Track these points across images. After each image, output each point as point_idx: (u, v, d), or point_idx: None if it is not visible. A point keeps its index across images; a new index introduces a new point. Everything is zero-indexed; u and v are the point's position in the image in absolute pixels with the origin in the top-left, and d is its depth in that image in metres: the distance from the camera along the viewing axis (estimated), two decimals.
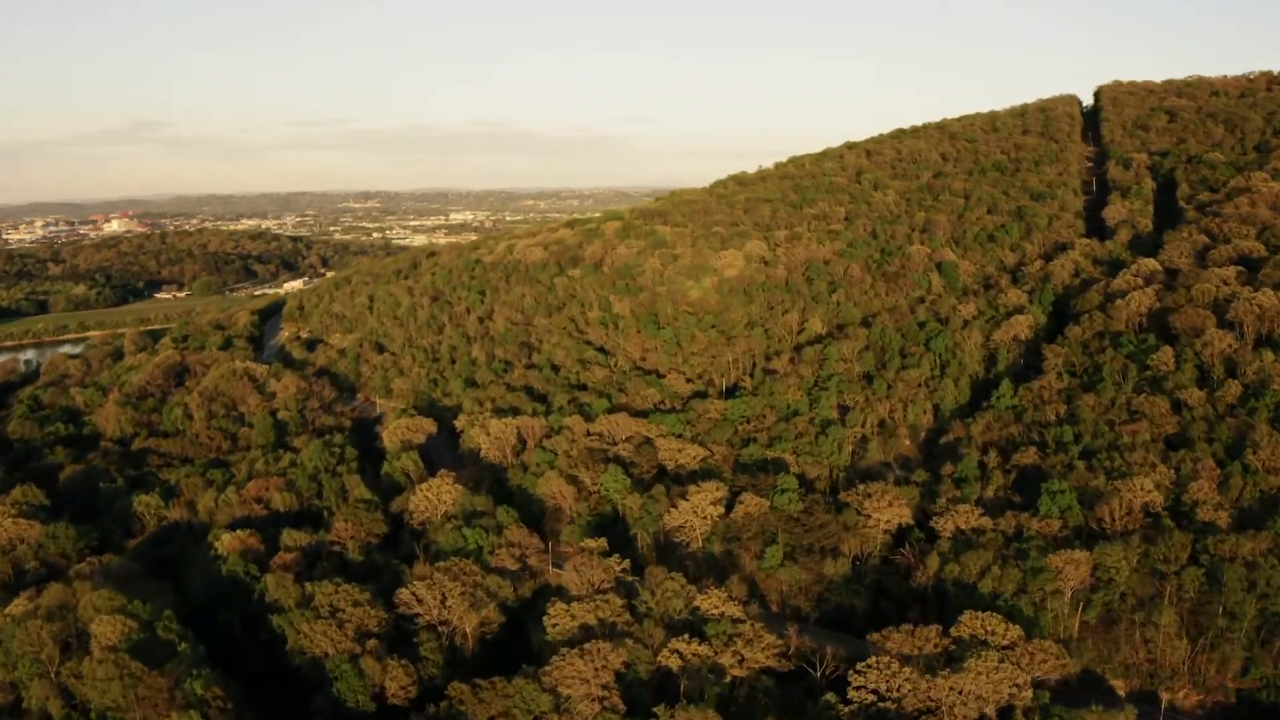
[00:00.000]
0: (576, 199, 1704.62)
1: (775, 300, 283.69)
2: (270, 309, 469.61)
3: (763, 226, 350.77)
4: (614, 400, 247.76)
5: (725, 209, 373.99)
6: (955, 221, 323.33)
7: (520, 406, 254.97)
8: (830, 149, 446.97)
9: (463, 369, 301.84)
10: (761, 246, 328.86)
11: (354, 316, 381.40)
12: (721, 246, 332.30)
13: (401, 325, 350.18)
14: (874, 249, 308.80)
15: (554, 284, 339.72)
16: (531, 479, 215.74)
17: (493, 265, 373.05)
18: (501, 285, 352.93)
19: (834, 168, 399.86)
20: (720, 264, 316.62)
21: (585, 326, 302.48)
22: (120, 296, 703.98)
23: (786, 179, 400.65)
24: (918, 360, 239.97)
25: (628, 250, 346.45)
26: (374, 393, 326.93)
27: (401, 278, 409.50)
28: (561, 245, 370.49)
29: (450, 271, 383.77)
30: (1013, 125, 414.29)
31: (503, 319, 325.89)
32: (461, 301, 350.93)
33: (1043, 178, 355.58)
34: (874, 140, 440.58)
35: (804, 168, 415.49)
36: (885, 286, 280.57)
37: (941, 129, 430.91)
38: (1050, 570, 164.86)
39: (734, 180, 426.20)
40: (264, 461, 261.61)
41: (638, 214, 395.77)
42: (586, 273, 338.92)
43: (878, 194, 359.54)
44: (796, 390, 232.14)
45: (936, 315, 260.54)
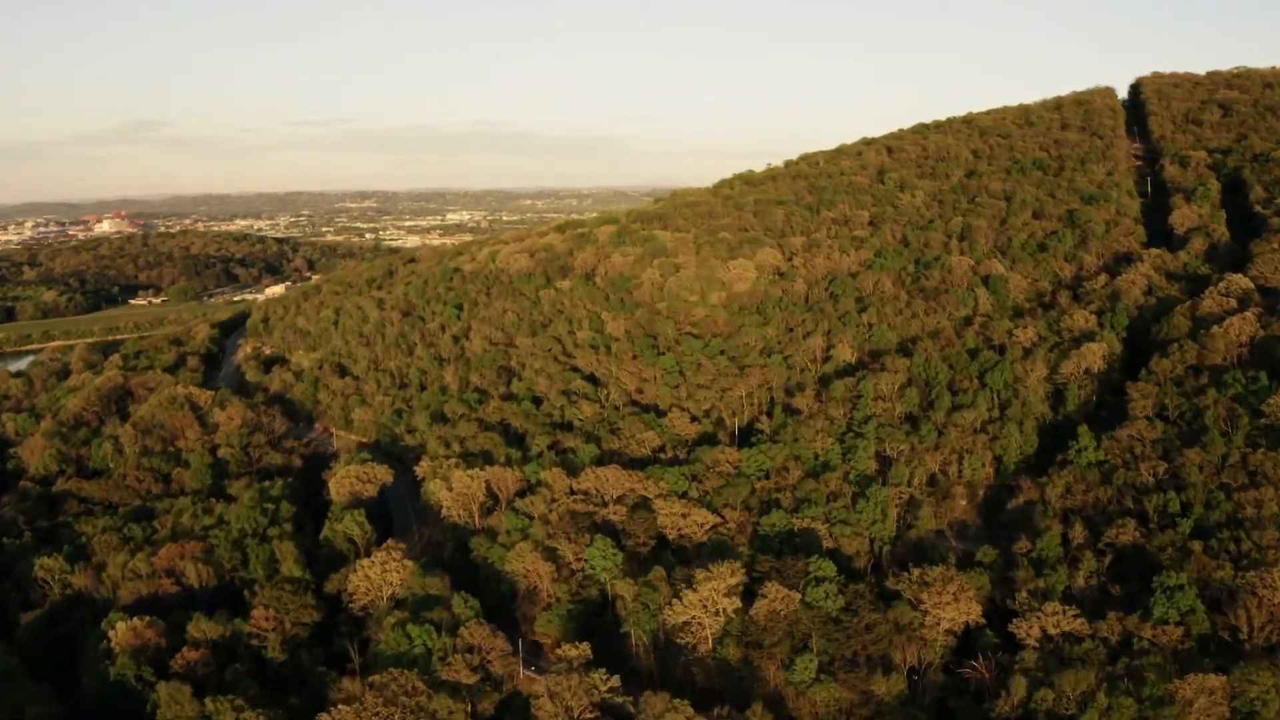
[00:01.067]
0: (575, 199, 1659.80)
1: (794, 320, 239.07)
2: (235, 320, 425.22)
3: (775, 232, 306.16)
4: (604, 444, 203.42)
5: (732, 212, 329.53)
6: (998, 227, 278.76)
7: (493, 451, 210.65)
8: (845, 145, 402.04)
9: (432, 398, 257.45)
10: (775, 255, 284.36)
11: (318, 333, 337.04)
12: (729, 255, 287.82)
13: (367, 344, 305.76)
14: (906, 259, 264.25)
15: (539, 298, 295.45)
16: (500, 551, 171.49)
17: (473, 275, 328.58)
18: (481, 298, 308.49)
19: (852, 166, 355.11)
20: (729, 276, 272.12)
21: (573, 349, 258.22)
22: (93, 303, 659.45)
23: (800, 178, 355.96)
24: (971, 398, 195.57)
25: (623, 259, 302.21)
26: (333, 423, 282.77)
27: (374, 287, 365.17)
28: (549, 252, 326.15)
29: (426, 282, 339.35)
30: (1050, 119, 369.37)
31: (481, 339, 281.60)
32: (436, 317, 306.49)
33: (1091, 177, 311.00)
34: (894, 136, 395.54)
35: (818, 166, 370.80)
36: (924, 304, 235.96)
37: (969, 123, 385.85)
38: (1177, 702, 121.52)
39: (740, 180, 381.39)
40: (191, 514, 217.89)
41: (634, 217, 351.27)
42: (576, 285, 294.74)
43: (905, 195, 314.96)
44: (826, 436, 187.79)
45: (989, 341, 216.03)
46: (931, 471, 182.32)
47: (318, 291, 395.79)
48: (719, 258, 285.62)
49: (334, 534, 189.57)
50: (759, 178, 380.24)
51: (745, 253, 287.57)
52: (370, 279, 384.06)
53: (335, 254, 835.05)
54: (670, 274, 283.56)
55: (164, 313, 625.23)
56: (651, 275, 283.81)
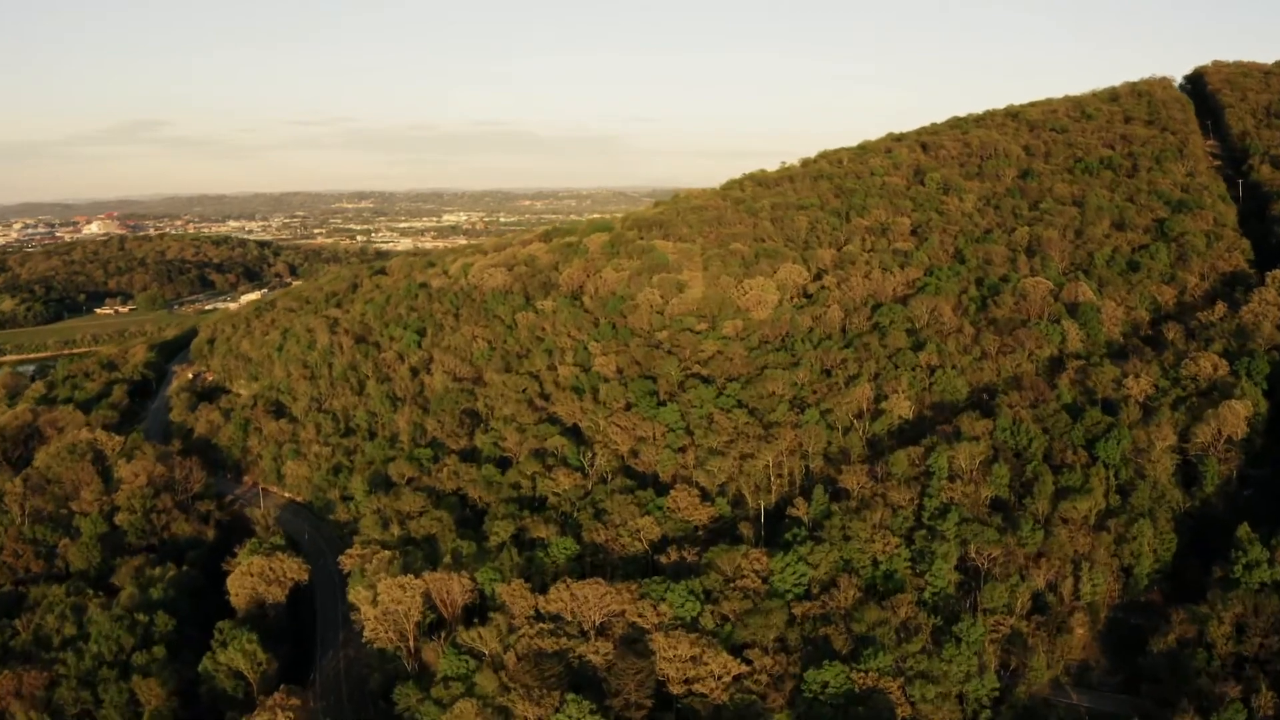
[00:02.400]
0: (574, 199, 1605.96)
1: (831, 360, 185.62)
2: (183, 339, 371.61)
3: (798, 243, 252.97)
4: (585, 533, 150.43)
5: (745, 218, 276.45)
6: (1072, 239, 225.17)
7: (440, 538, 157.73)
8: (869, 142, 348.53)
9: (377, 452, 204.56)
10: (800, 273, 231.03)
11: (260, 359, 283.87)
12: (744, 272, 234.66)
13: (312, 377, 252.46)
14: (966, 279, 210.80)
15: (516, 321, 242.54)
16: (434, 711, 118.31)
17: (440, 292, 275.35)
18: (448, 321, 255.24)
19: (884, 165, 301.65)
20: (745, 299, 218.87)
21: (553, 390, 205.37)
22: (54, 312, 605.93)
23: (822, 179, 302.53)
24: (1080, 478, 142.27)
25: (616, 275, 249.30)
26: (264, 477, 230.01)
27: (332, 304, 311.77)
28: (530, 266, 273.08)
29: (389, 299, 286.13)
30: (1109, 112, 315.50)
31: (443, 373, 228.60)
32: (393, 344, 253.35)
33: (1171, 179, 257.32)
34: (928, 130, 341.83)
35: (842, 165, 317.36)
36: (995, 340, 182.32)
37: (1014, 116, 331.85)
38: None
39: (752, 181, 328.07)
40: (59, 614, 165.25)
41: (631, 223, 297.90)
42: (560, 306, 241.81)
43: (951, 199, 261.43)
44: (888, 534, 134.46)
45: (1090, 393, 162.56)
46: (1037, 589, 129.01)
47: (271, 308, 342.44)
48: (732, 275, 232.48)
49: (216, 667, 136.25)
50: (773, 178, 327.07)
51: (763, 269, 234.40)
52: (331, 293, 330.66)
53: (319, 258, 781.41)
54: (673, 294, 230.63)
55: (129, 323, 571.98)
56: (650, 296, 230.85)
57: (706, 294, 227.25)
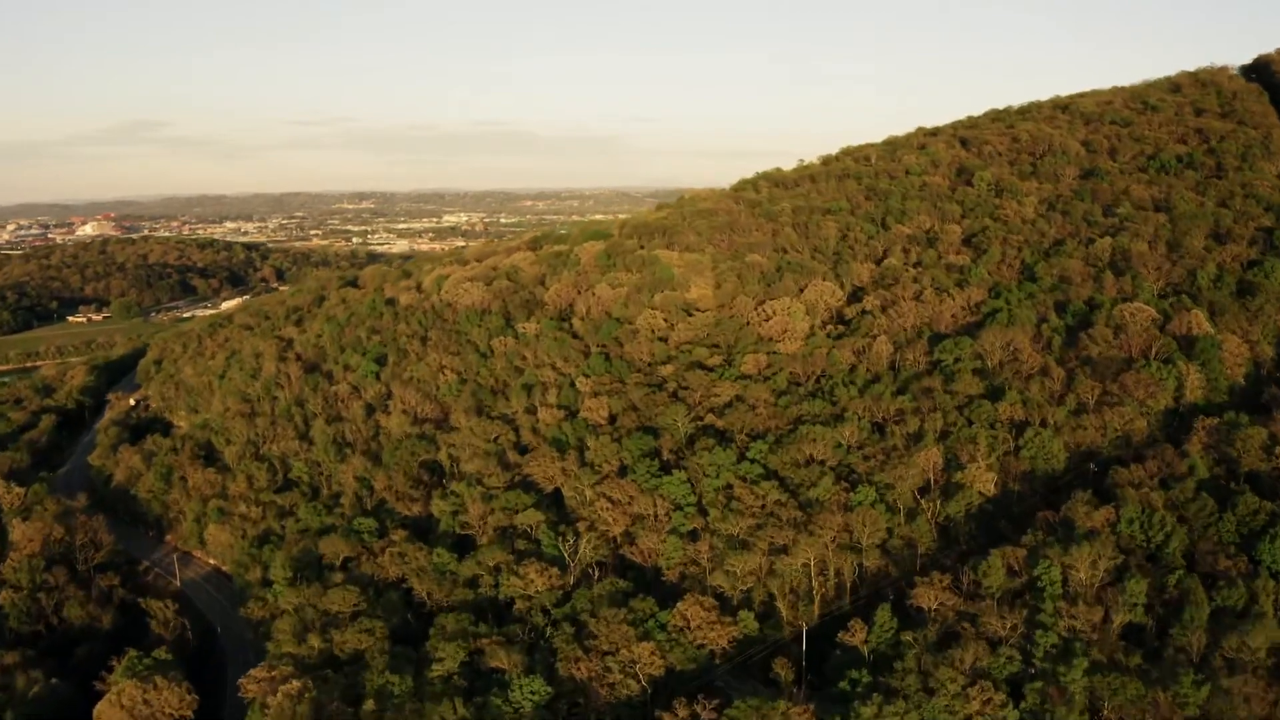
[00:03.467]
0: (576, 199, 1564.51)
1: (884, 410, 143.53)
2: (130, 359, 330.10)
3: (828, 254, 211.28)
4: (563, 667, 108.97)
5: (762, 223, 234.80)
6: (1165, 254, 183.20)
7: (368, 657, 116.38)
8: (896, 137, 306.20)
9: (312, 518, 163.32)
10: (833, 292, 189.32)
11: (200, 388, 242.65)
12: (765, 290, 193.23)
13: (251, 414, 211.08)
14: (1043, 302, 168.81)
15: (492, 348, 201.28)
16: None
17: (408, 311, 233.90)
18: (414, 347, 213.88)
19: (920, 163, 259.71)
20: (768, 325, 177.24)
21: (531, 440, 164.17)
22: (24, 321, 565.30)
23: (849, 178, 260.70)
24: (1243, 595, 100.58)
25: (612, 292, 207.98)
26: (185, 538, 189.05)
27: (292, 321, 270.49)
28: (513, 280, 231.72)
29: (352, 316, 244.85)
30: (1176, 104, 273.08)
31: (402, 414, 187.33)
32: (348, 375, 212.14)
33: (1268, 180, 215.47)
34: (965, 124, 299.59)
35: (869, 163, 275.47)
36: (1092, 385, 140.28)
37: (1064, 109, 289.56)
38: None
39: (767, 181, 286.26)
40: None
41: (630, 229, 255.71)
42: (545, 329, 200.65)
43: (1008, 203, 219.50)
44: (988, 690, 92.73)
45: (1231, 465, 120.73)
46: None
47: (228, 323, 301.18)
48: (750, 294, 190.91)
49: None
50: (791, 177, 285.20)
51: (788, 286, 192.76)
52: (294, 308, 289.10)
53: (308, 262, 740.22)
54: (678, 317, 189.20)
55: (99, 332, 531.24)
56: (651, 320, 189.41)
57: (720, 318, 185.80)
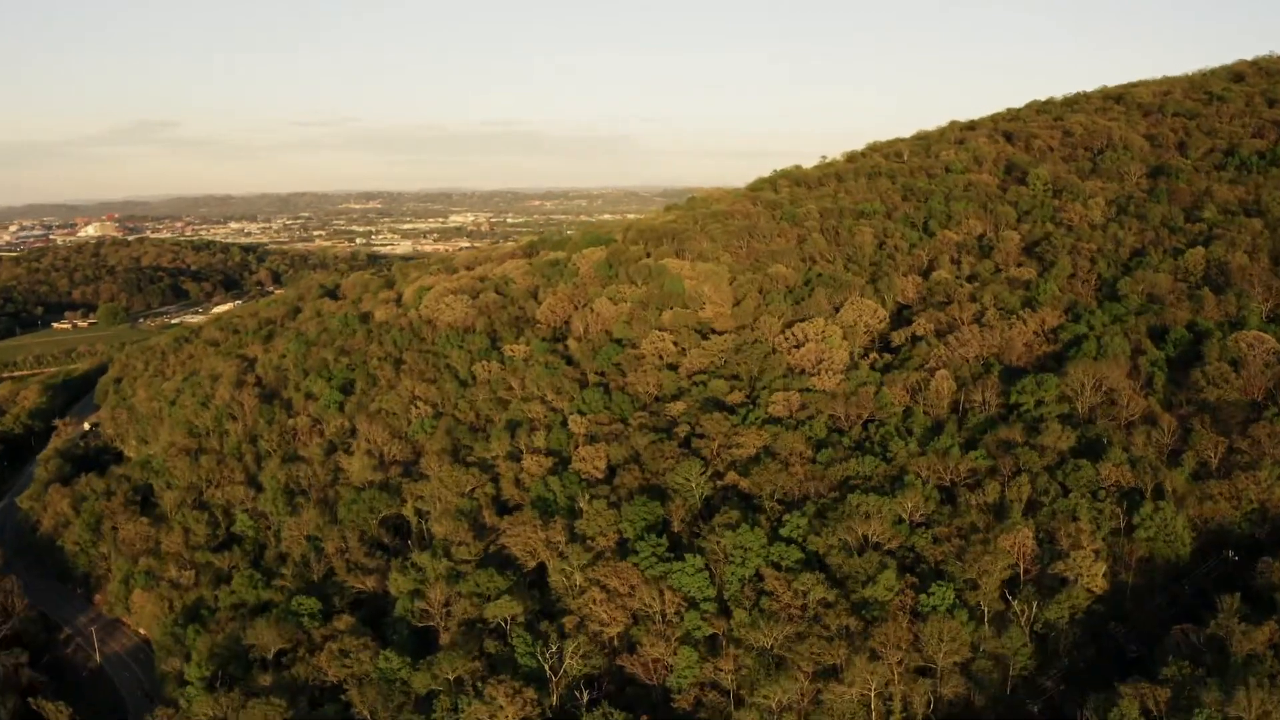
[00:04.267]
0: (584, 199, 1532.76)
1: (951, 471, 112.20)
2: (95, 374, 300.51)
3: (863, 264, 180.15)
4: None
5: (786, 228, 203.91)
6: (1270, 267, 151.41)
7: None
8: (927, 131, 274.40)
9: (247, 591, 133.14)
10: (875, 311, 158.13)
11: (150, 415, 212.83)
12: (793, 309, 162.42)
13: (198, 450, 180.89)
14: (1133, 328, 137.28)
15: (474, 375, 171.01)
16: None
17: (383, 328, 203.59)
18: (385, 372, 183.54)
19: (961, 159, 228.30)
20: (799, 354, 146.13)
21: (513, 495, 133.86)
22: (5, 328, 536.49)
23: (881, 176, 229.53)
24: None
25: (614, 309, 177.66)
26: (112, 602, 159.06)
27: (261, 336, 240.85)
28: (503, 293, 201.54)
29: (322, 334, 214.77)
30: (1245, 93, 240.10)
31: (365, 456, 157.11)
32: (309, 405, 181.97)
33: None
34: (1005, 116, 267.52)
35: (903, 160, 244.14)
36: (1215, 439, 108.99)
37: (1117, 99, 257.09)
38: None
39: (788, 179, 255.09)
40: None
41: (636, 234, 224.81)
42: (535, 353, 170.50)
43: (1071, 205, 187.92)
44: None
45: None
46: None
47: (195, 337, 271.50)
48: (776, 313, 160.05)
49: None
50: (814, 176, 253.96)
51: (820, 303, 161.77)
52: (265, 321, 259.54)
53: (306, 264, 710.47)
54: (691, 340, 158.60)
55: (83, 340, 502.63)
56: (658, 343, 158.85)
57: (740, 342, 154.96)
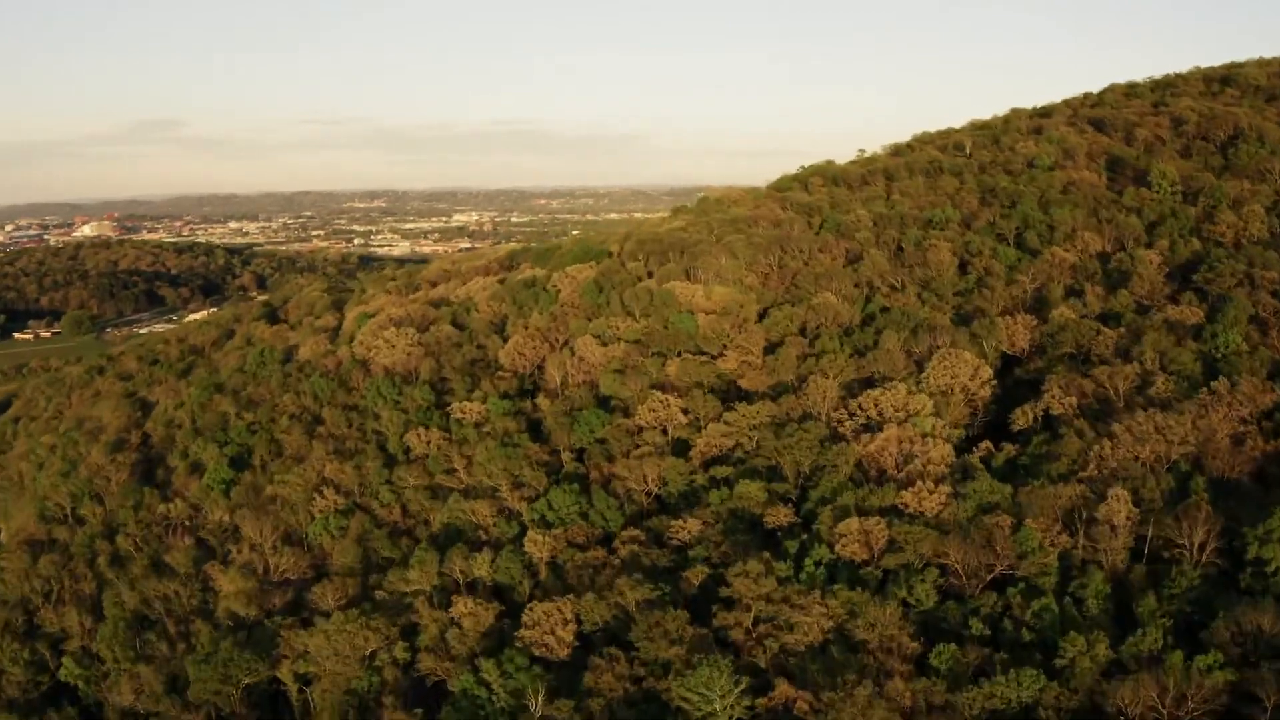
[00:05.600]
0: (591, 198, 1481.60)
1: (1166, 697, 62.55)
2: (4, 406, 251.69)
3: (946, 293, 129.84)
4: None
5: (829, 240, 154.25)
6: None
7: None
8: (988, 120, 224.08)
9: None
10: (977, 370, 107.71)
11: (12, 482, 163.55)
12: (854, 364, 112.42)
13: (48, 541, 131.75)
14: None
15: (407, 448, 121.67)
16: None
17: (306, 369, 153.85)
18: (295, 436, 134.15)
19: (1048, 152, 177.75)
20: (874, 445, 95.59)
21: (433, 668, 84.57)
22: None
23: (942, 174, 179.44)
24: None
25: (602, 350, 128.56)
26: None
27: (178, 370, 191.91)
28: (462, 325, 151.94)
29: (234, 376, 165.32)
30: None
31: (242, 572, 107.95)
32: (190, 484, 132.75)
33: None
34: (1084, 101, 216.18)
35: (965, 154, 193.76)
36: None
37: (1223, 80, 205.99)
38: None
39: (821, 177, 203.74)
40: None
41: (636, 246, 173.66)
42: (494, 414, 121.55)
43: (1221, 213, 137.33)
44: None
45: None
46: None
47: (110, 366, 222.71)
48: (831, 369, 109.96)
49: None
50: (854, 173, 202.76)
51: (893, 355, 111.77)
52: (193, 347, 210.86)
53: (294, 267, 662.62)
54: (707, 407, 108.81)
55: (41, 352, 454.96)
56: (662, 410, 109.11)
57: (782, 416, 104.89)
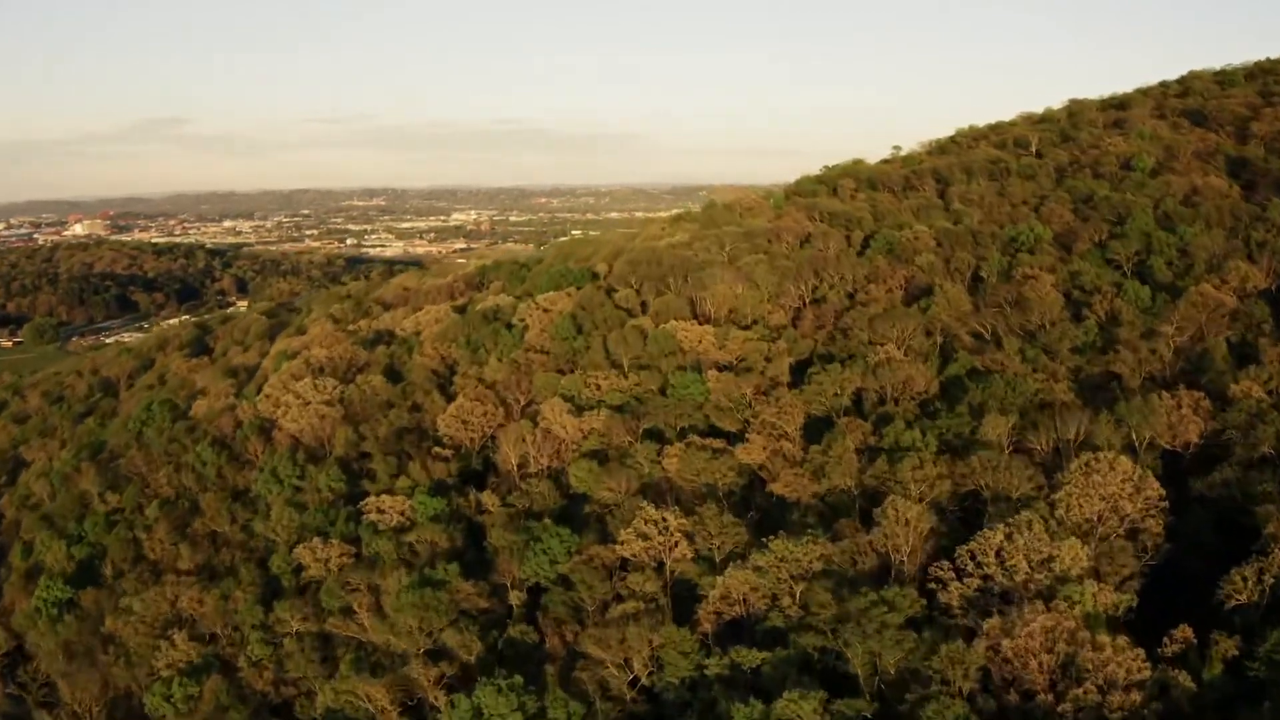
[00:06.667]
0: (592, 196, 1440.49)
1: None
2: None
3: (1060, 352, 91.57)
4: None
5: (881, 265, 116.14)
6: None
7: None
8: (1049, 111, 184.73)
9: None
10: (1138, 483, 69.41)
11: None
12: (938, 463, 74.20)
13: None
14: None
15: (298, 569, 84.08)
16: None
17: (196, 434, 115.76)
18: (157, 540, 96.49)
19: (1148, 149, 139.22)
20: (1006, 642, 57.02)
21: None
22: None
23: (1013, 177, 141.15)
24: None
25: (576, 423, 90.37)
26: None
27: (73, 416, 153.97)
28: (401, 373, 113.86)
29: (120, 435, 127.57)
30: None
31: None
32: (22, 600, 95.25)
33: None
34: (1174, 91, 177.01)
35: (1030, 151, 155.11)
36: None
37: None
38: None
39: (851, 179, 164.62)
40: None
41: (629, 265, 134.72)
42: (420, 515, 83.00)
43: None
44: None
45: None
46: None
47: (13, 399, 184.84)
48: (914, 483, 71.78)
49: None
50: (893, 175, 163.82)
51: (1003, 463, 74.00)
52: (102, 384, 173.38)
53: (277, 270, 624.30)
54: (729, 536, 70.45)
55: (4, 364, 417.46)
56: (658, 535, 70.86)
57: (849, 561, 66.82)
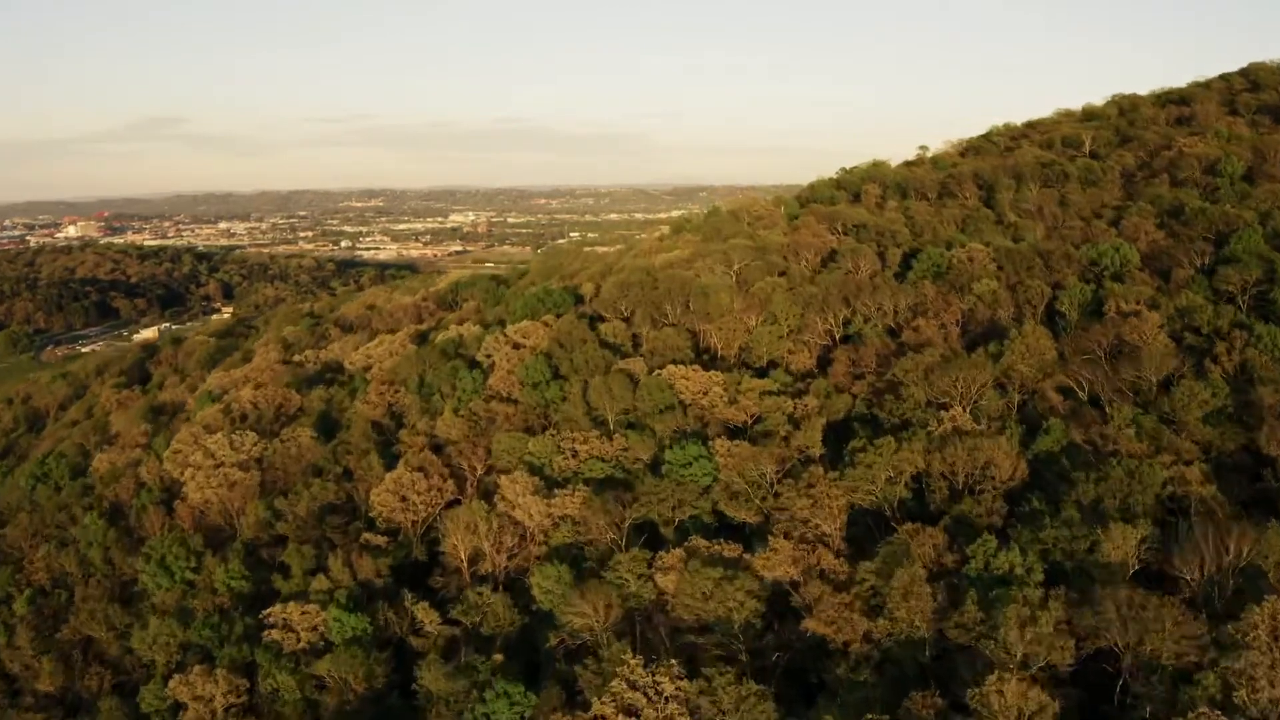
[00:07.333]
0: (592, 197, 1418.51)
1: None
2: None
3: (1179, 417, 69.58)
4: None
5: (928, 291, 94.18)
6: None
7: None
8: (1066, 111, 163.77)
9: None
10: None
11: None
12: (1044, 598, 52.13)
13: None
14: None
15: (179, 700, 61.36)
16: None
17: (89, 499, 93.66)
18: (23, 644, 74.44)
19: (1236, 153, 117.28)
20: None
21: None
22: None
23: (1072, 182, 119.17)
24: None
25: (540, 507, 69.12)
26: None
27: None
28: (342, 421, 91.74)
29: (17, 488, 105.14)
30: None
31: None
32: None
33: None
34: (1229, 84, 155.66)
35: (1083, 151, 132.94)
36: None
37: None
38: None
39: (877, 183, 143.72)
40: None
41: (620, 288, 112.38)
42: (335, 634, 60.93)
43: None
44: None
45: None
46: None
47: None
48: (1014, 625, 49.90)
49: None
50: (926, 179, 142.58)
51: None
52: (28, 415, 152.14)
53: (265, 275, 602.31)
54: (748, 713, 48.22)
55: None
56: (654, 711, 48.78)
57: None
